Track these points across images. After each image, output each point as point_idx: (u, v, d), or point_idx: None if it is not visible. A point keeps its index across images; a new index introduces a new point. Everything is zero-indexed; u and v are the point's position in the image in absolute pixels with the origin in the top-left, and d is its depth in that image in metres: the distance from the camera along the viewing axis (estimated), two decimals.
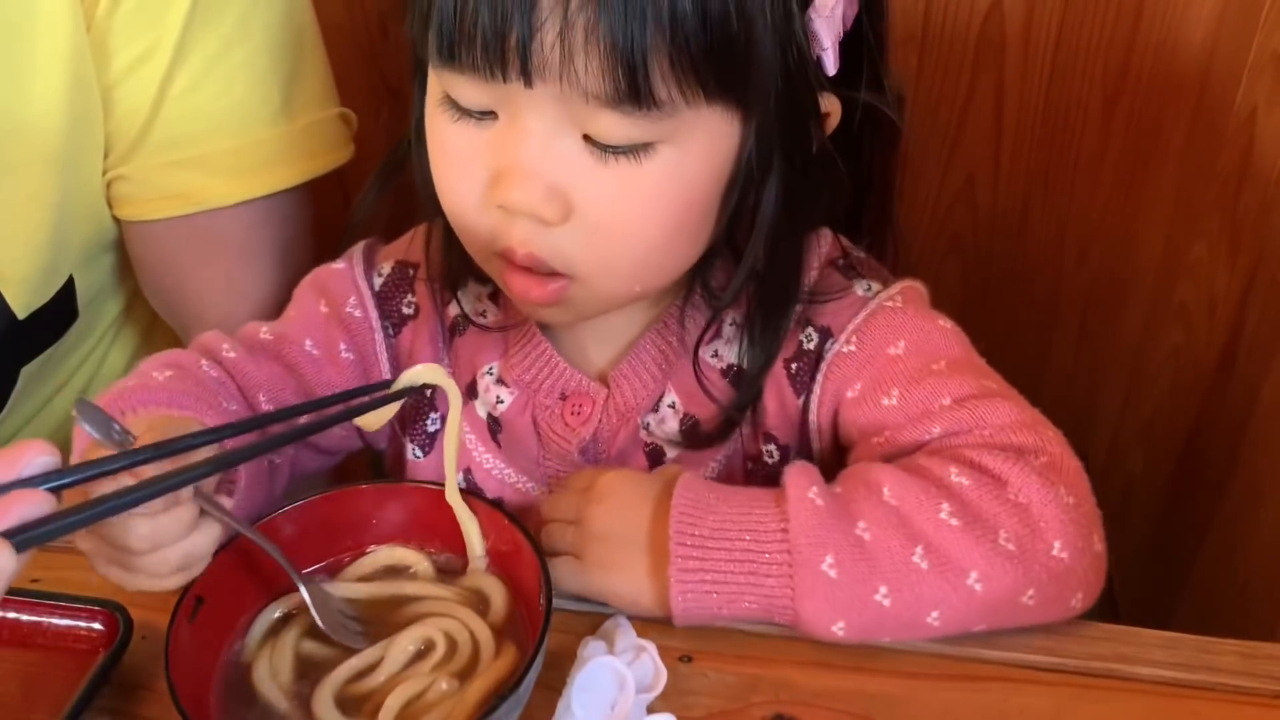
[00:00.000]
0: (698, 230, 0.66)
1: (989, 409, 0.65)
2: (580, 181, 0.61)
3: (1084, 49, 1.07)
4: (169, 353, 0.73)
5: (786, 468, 0.65)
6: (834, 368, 0.71)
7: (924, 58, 1.10)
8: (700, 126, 0.60)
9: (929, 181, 1.16)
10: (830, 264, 0.74)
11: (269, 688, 0.59)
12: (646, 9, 0.55)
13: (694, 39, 0.56)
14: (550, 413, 0.75)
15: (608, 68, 0.56)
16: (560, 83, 0.57)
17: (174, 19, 0.78)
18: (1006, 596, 0.61)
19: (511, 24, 0.56)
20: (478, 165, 0.62)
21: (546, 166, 0.60)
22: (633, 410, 0.74)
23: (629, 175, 0.60)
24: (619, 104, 0.57)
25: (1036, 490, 0.61)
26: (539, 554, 0.60)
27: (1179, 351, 1.23)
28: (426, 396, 0.78)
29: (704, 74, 0.58)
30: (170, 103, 0.81)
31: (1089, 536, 0.62)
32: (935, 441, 0.66)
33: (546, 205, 0.61)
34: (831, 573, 0.60)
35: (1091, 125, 1.11)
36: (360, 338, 0.77)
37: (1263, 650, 0.64)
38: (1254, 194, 1.10)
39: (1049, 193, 1.16)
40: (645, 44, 0.55)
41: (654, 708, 0.60)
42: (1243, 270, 1.15)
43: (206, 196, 0.85)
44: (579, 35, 0.55)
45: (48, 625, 0.64)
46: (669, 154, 0.60)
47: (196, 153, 0.83)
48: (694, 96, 0.58)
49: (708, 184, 0.63)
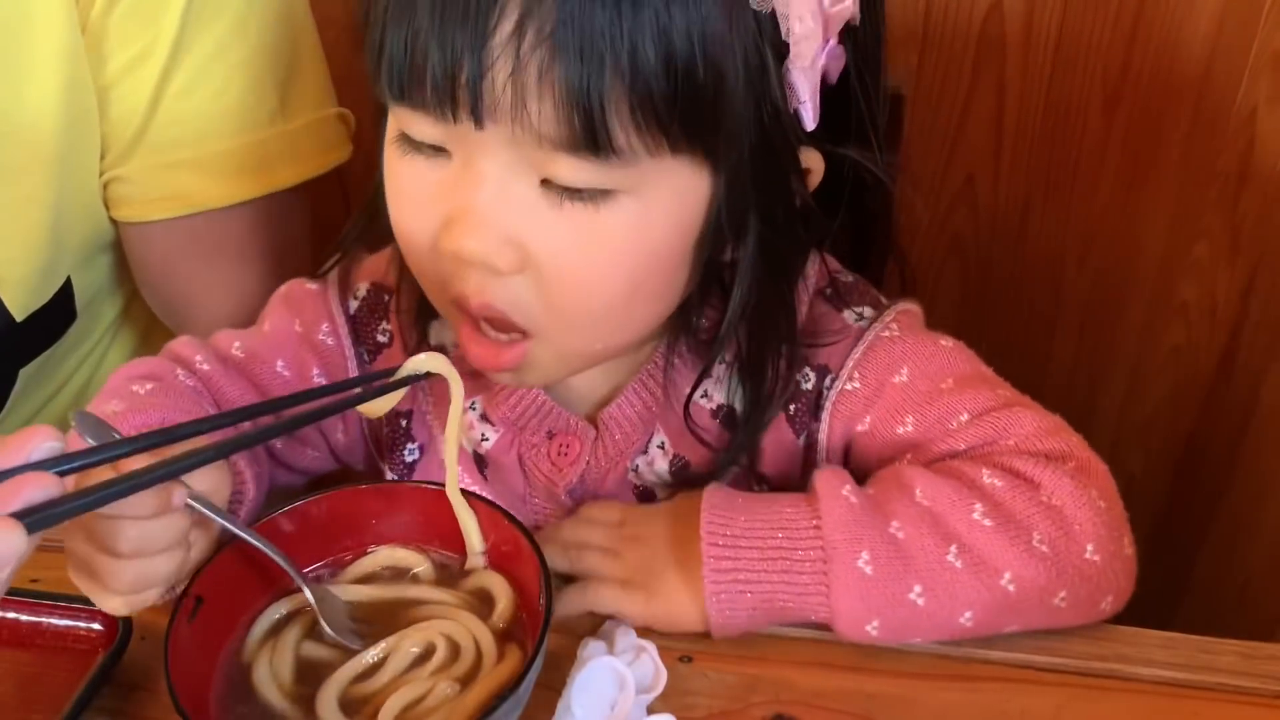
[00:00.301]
0: (664, 286, 0.63)
1: (1010, 419, 0.65)
2: (536, 229, 0.57)
3: (1084, 49, 1.07)
4: (143, 363, 0.72)
5: (816, 472, 0.65)
6: (839, 406, 0.70)
7: (924, 58, 1.09)
8: (665, 178, 0.57)
9: (929, 182, 1.16)
10: (819, 293, 0.71)
11: (269, 688, 0.59)
12: (605, 53, 0.52)
13: (657, 87, 0.53)
14: (537, 451, 0.73)
15: (562, 113, 0.53)
16: (512, 125, 0.54)
17: (170, 20, 0.78)
18: (1039, 597, 0.61)
19: (462, 62, 0.53)
20: (431, 208, 0.59)
21: (500, 213, 0.57)
22: (622, 454, 0.72)
23: (587, 223, 0.57)
24: (575, 150, 0.54)
25: (1069, 493, 0.61)
26: (539, 554, 0.60)
27: (1179, 351, 1.23)
28: (403, 428, 0.76)
29: (668, 124, 0.54)
30: (166, 104, 0.81)
31: (1120, 540, 0.63)
32: (962, 455, 0.65)
33: (499, 254, 0.58)
34: (867, 569, 0.60)
35: (1092, 125, 1.11)
36: (332, 365, 0.75)
37: (1263, 650, 0.64)
38: (1254, 194, 1.10)
39: (1049, 193, 1.16)
40: (603, 89, 0.52)
41: (654, 708, 0.60)
42: (1243, 270, 1.15)
43: (204, 198, 0.84)
44: (532, 77, 0.52)
45: (47, 625, 0.64)
46: (630, 204, 0.57)
47: (193, 154, 0.83)
48: (657, 147, 0.55)
49: (674, 238, 0.60)
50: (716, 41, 0.54)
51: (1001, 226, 1.18)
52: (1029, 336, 1.25)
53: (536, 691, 0.58)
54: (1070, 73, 1.08)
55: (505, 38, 0.52)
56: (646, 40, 0.52)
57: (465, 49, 0.53)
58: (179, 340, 0.74)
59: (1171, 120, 1.09)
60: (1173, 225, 1.15)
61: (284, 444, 0.74)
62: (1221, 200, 1.12)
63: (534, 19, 0.52)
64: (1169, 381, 1.25)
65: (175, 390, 0.69)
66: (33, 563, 0.69)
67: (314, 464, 0.77)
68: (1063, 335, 1.25)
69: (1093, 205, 1.15)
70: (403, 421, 0.77)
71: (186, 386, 0.70)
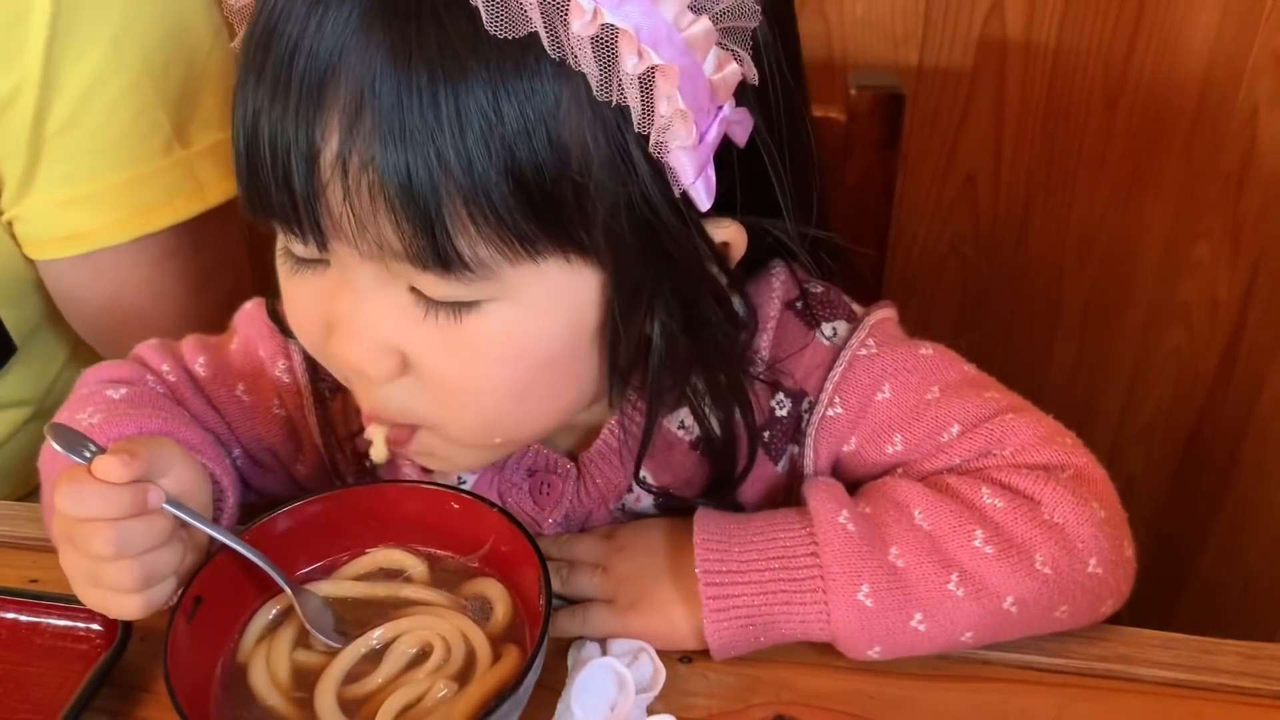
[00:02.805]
0: (563, 382, 0.59)
1: (1004, 429, 0.63)
2: (409, 336, 0.55)
3: (1085, 49, 1.06)
4: (112, 367, 0.70)
5: (807, 484, 0.64)
6: (823, 433, 0.67)
7: (924, 58, 1.09)
8: (536, 282, 0.53)
9: (929, 182, 1.16)
10: (788, 307, 0.67)
11: (266, 688, 0.58)
12: (434, 168, 0.48)
13: (498, 196, 0.49)
14: (518, 490, 0.69)
15: (403, 231, 0.50)
16: (359, 245, 0.51)
17: (31, 57, 0.75)
18: (1041, 613, 0.61)
19: (294, 187, 0.50)
20: (314, 313, 0.57)
21: (374, 321, 0.55)
22: (605, 496, 0.69)
23: (457, 332, 0.54)
24: (425, 267, 0.51)
25: (1071, 509, 0.60)
26: (539, 554, 0.60)
27: (1180, 351, 1.23)
28: (367, 466, 0.72)
29: (521, 231, 0.50)
30: (49, 142, 0.78)
31: (1120, 546, 0.62)
32: (956, 470, 0.64)
33: (374, 364, 0.55)
34: (868, 603, 0.60)
35: (1092, 125, 1.10)
36: (289, 400, 0.72)
37: (1263, 650, 0.64)
38: (1255, 194, 1.10)
39: (1050, 193, 1.16)
40: (439, 205, 0.49)
41: (654, 708, 0.60)
42: (1244, 270, 1.15)
43: (104, 235, 0.81)
44: (364, 198, 0.49)
45: (46, 626, 0.64)
46: (501, 311, 0.54)
47: (87, 190, 0.80)
48: (515, 255, 0.51)
49: (561, 338, 0.56)
50: (560, 138, 0.49)
51: (1002, 226, 1.18)
52: (1029, 336, 1.25)
53: (536, 691, 0.58)
54: (1071, 73, 1.08)
55: (330, 163, 0.49)
56: (478, 149, 0.48)
57: (295, 174, 0.50)
58: (146, 345, 0.72)
59: (1172, 120, 1.09)
60: (1173, 225, 1.15)
61: (243, 463, 0.72)
62: (1222, 200, 1.12)
63: (356, 141, 0.48)
64: (1169, 381, 1.25)
65: (148, 398, 0.68)
66: (33, 563, 0.70)
67: (275, 486, 0.75)
68: (1063, 335, 1.25)
69: (1093, 205, 1.15)
70: (367, 461, 0.71)
71: (158, 394, 0.69)
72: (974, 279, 1.22)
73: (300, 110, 0.49)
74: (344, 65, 0.48)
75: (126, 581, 0.57)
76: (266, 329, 0.71)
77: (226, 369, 0.72)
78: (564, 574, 0.67)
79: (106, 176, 0.80)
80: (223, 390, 0.71)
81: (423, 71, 0.47)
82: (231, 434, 0.71)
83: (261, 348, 0.72)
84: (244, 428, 0.71)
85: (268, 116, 0.50)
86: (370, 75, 0.48)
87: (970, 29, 1.07)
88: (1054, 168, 1.14)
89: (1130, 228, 1.16)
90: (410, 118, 0.47)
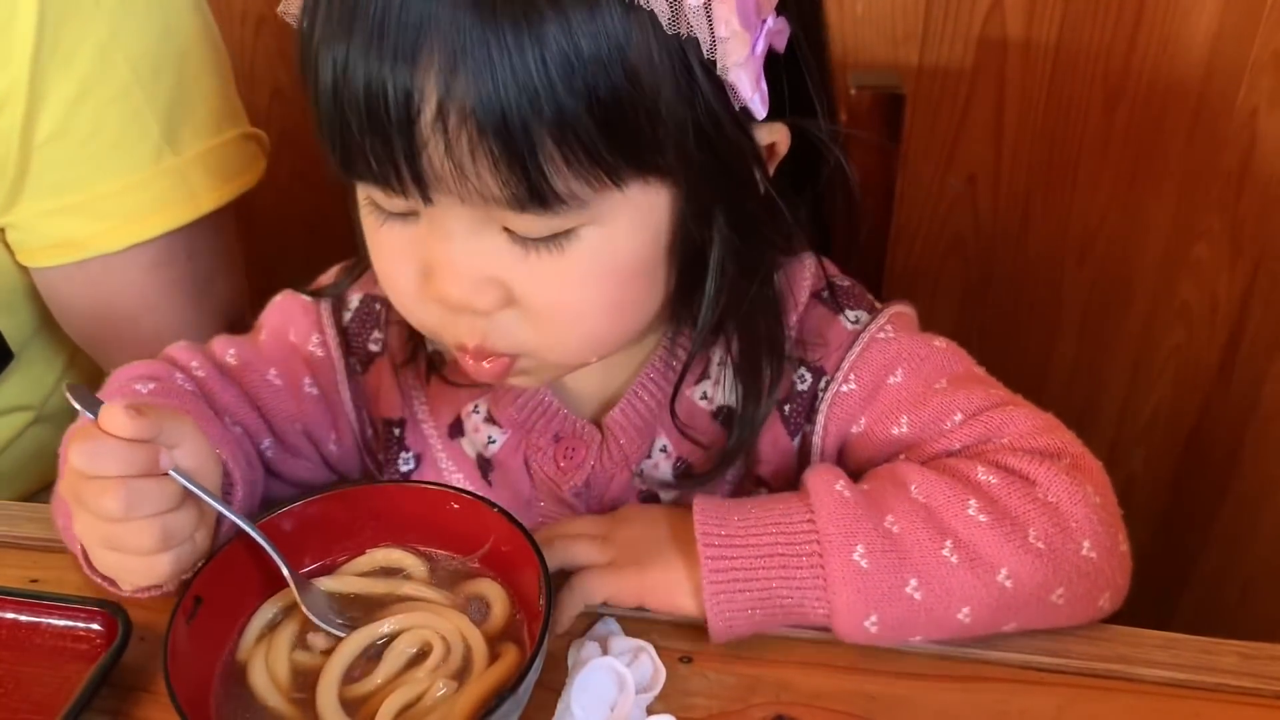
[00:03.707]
0: (645, 294, 0.64)
1: (1004, 418, 0.65)
2: (511, 272, 0.59)
3: (1085, 49, 1.06)
4: (142, 365, 0.71)
5: (807, 470, 0.65)
6: (835, 408, 0.70)
7: (924, 58, 1.09)
8: (622, 204, 0.58)
9: (929, 181, 1.16)
10: (814, 296, 0.72)
11: (266, 688, 0.59)
12: (528, 112, 0.52)
13: (585, 132, 0.53)
14: (543, 454, 0.73)
15: (502, 177, 0.54)
16: (458, 193, 0.55)
17: (18, 66, 0.74)
18: (1037, 594, 0.61)
19: (395, 145, 0.54)
20: (409, 263, 0.61)
21: (473, 261, 0.59)
22: (627, 458, 0.73)
23: (557, 263, 0.59)
24: (523, 208, 0.55)
25: (1065, 489, 0.62)
26: (539, 554, 0.60)
27: (1180, 351, 1.23)
28: (396, 435, 0.77)
29: (608, 164, 0.55)
30: (38, 151, 0.77)
31: (1114, 536, 0.63)
32: (956, 455, 0.66)
33: (480, 297, 0.59)
34: (863, 563, 0.60)
35: (1092, 125, 1.11)
36: (323, 376, 0.75)
37: (1263, 650, 0.64)
38: (1255, 194, 1.10)
39: (1050, 193, 1.16)
40: (534, 147, 0.53)
41: (654, 708, 0.60)
42: (1244, 270, 1.15)
43: (95, 243, 0.81)
44: (464, 150, 0.53)
45: (46, 625, 0.64)
46: (594, 235, 0.58)
47: (77, 199, 0.80)
48: (602, 184, 0.56)
49: (645, 253, 0.61)
50: (635, 69, 0.54)
51: (1001, 226, 1.18)
52: (1029, 336, 1.25)
53: (536, 691, 0.58)
54: (1071, 73, 1.08)
55: (431, 119, 0.53)
56: (564, 88, 0.52)
57: (395, 132, 0.54)
58: (176, 345, 0.74)
59: (1172, 120, 1.09)
60: (1173, 225, 1.15)
61: (274, 452, 0.73)
62: (1222, 200, 1.12)
63: (453, 99, 0.52)
64: (1169, 381, 1.25)
65: (175, 392, 0.69)
66: (33, 563, 0.70)
67: (306, 474, 0.76)
68: (1063, 335, 1.25)
69: (1093, 205, 1.15)
70: (395, 430, 0.77)
71: (186, 390, 0.70)
72: (974, 279, 1.22)
73: (397, 78, 0.52)
74: (434, 29, 0.52)
75: (145, 543, 0.58)
76: (298, 310, 0.76)
77: (257, 356, 0.74)
78: (558, 547, 0.67)
79: (97, 185, 0.80)
80: (254, 376, 0.73)
81: (506, 24, 0.51)
82: (263, 421, 0.73)
83: (293, 331, 0.75)
84: (277, 409, 0.73)
85: (363, 87, 0.53)
86: (460, 34, 0.51)
87: (970, 28, 1.07)
88: (1054, 167, 1.14)
89: (1130, 227, 1.16)
90: (502, 69, 0.51)
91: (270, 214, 1.25)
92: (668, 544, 0.66)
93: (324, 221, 1.29)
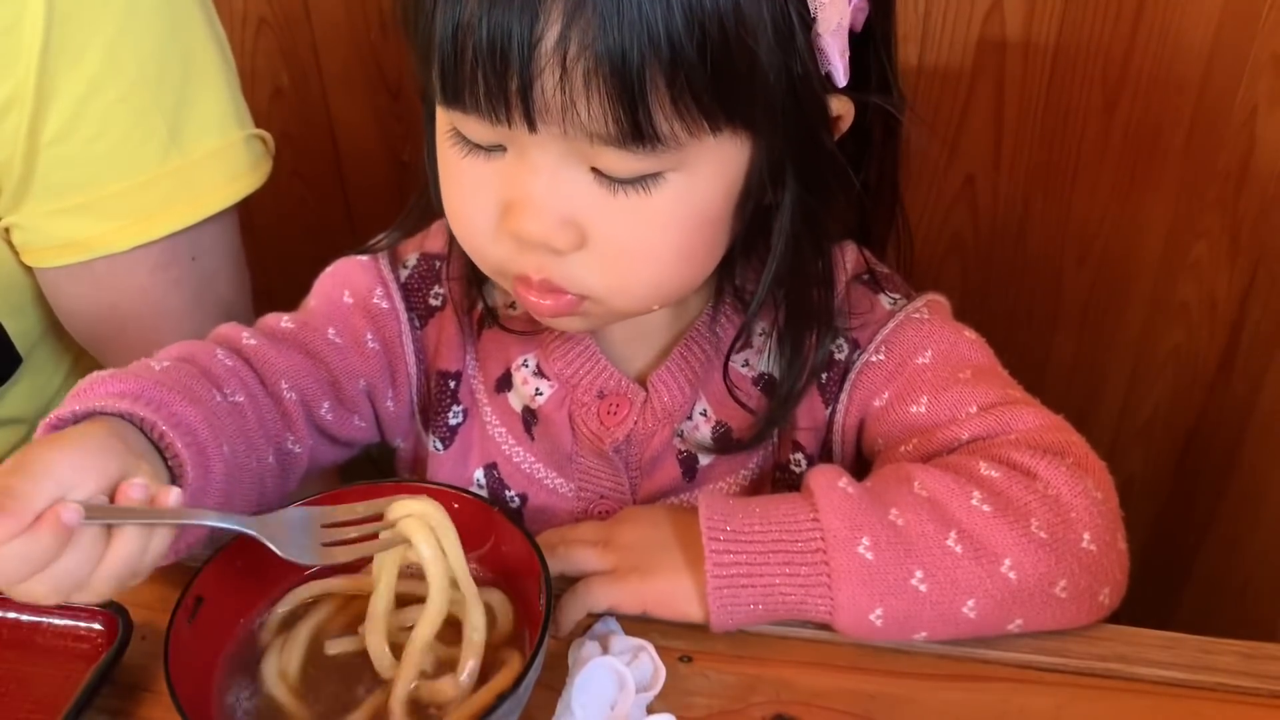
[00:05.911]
0: (711, 246, 0.66)
1: (1014, 415, 0.67)
2: (591, 212, 0.60)
3: (1084, 49, 1.06)
4: (185, 344, 0.70)
5: (808, 471, 0.66)
6: (862, 377, 0.73)
7: (924, 58, 1.09)
8: (708, 152, 0.60)
9: (929, 181, 1.16)
10: (856, 278, 0.75)
11: (275, 685, 0.59)
12: (645, 50, 0.54)
13: (695, 75, 0.55)
14: (587, 410, 0.75)
15: (609, 111, 0.55)
16: (564, 125, 0.56)
17: (25, 67, 0.74)
18: (1040, 586, 0.61)
19: (511, 71, 0.55)
20: (488, 196, 0.62)
21: (557, 199, 0.60)
22: (670, 416, 0.74)
23: (640, 205, 0.60)
24: (623, 144, 0.57)
25: (1066, 483, 0.63)
26: (539, 554, 0.60)
27: (1179, 351, 1.23)
28: (450, 389, 0.79)
29: (708, 108, 0.57)
30: (44, 151, 0.77)
31: (1114, 533, 0.64)
32: (963, 447, 0.67)
33: (559, 235, 0.60)
34: (868, 555, 0.61)
35: (1092, 125, 1.11)
36: (386, 328, 0.77)
37: (1263, 650, 0.64)
38: (1254, 194, 1.10)
39: (1049, 193, 1.16)
40: (645, 86, 0.55)
41: (654, 708, 0.60)
42: (1243, 270, 1.15)
43: (101, 244, 0.81)
44: (578, 81, 0.55)
45: (47, 625, 0.64)
46: (679, 181, 0.60)
47: (83, 199, 0.80)
48: (698, 129, 0.58)
49: (719, 203, 0.63)
50: (746, 20, 0.56)
51: (1001, 226, 1.18)
52: (1029, 336, 1.25)
53: (536, 691, 0.58)
54: (1070, 73, 1.08)
55: (551, 47, 0.54)
56: (682, 32, 0.54)
57: (514, 58, 0.55)
58: (228, 324, 0.74)
59: (1171, 120, 1.09)
60: (1173, 225, 1.15)
61: (333, 415, 0.74)
62: (1221, 200, 1.12)
63: (577, 27, 0.54)
64: (1169, 381, 1.25)
65: (180, 373, 0.65)
66: None
67: (359, 434, 0.77)
68: (1063, 335, 1.25)
69: (1092, 205, 1.15)
70: (450, 383, 0.79)
71: (221, 365, 0.67)
72: (974, 279, 1.22)
73: (523, 6, 0.54)
74: None
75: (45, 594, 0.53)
76: (356, 269, 0.78)
77: (313, 319, 0.76)
78: (560, 553, 0.68)
79: (103, 185, 0.80)
80: (314, 335, 0.74)
81: None
82: (322, 383, 0.73)
83: (348, 290, 0.77)
84: (340, 365, 0.74)
85: (487, 13, 0.55)
86: None
87: (969, 29, 1.07)
88: (1053, 167, 1.14)
89: (1129, 227, 1.16)
90: (627, 5, 0.53)
91: (270, 214, 1.25)
92: (671, 547, 0.66)
93: (323, 221, 1.29)
